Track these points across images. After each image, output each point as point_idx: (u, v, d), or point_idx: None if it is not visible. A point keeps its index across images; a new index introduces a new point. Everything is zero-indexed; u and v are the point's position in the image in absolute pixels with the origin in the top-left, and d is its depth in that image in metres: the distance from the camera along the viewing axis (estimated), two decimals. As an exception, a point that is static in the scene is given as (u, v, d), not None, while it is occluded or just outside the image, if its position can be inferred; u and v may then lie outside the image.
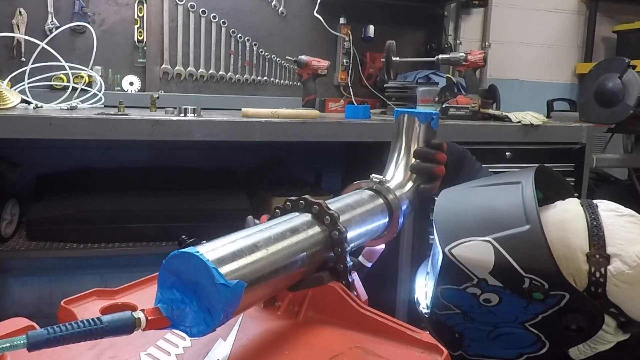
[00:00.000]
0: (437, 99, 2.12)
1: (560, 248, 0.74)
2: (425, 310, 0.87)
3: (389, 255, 1.03)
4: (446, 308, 0.80)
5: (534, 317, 0.74)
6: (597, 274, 0.74)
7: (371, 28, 2.56)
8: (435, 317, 0.83)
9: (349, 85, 2.54)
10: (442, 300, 0.80)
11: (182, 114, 1.73)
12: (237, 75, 2.46)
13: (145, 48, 2.31)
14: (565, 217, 0.81)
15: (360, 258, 1.01)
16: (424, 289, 0.91)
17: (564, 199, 0.87)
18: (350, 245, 0.76)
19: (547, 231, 0.75)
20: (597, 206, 0.81)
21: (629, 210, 0.81)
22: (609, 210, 0.81)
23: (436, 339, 0.84)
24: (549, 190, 0.77)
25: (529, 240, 0.73)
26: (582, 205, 0.82)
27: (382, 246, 0.98)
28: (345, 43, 2.54)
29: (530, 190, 0.78)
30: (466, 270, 0.76)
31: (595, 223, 0.78)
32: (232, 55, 2.44)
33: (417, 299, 0.91)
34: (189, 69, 2.38)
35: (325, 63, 2.20)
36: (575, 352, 0.79)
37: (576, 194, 0.92)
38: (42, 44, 1.84)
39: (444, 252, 0.78)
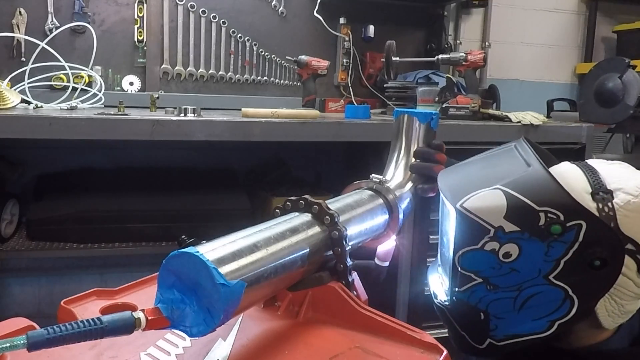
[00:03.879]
0: (437, 99, 2.12)
1: None
2: (445, 299, 0.86)
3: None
4: (467, 280, 0.80)
5: (556, 265, 0.75)
6: (606, 209, 0.76)
7: (371, 28, 2.56)
8: (457, 299, 0.82)
9: (349, 85, 2.54)
10: (462, 270, 0.80)
11: (182, 114, 1.73)
12: (237, 75, 2.46)
13: (145, 48, 2.31)
14: (561, 170, 0.84)
15: (376, 260, 1.01)
16: (438, 280, 0.91)
17: None
18: (350, 245, 0.76)
19: None
20: (586, 161, 0.86)
21: (616, 160, 0.85)
22: (598, 161, 0.85)
23: (462, 332, 0.84)
24: None
25: (534, 177, 0.76)
26: (572, 163, 0.86)
27: (394, 244, 0.98)
28: (345, 43, 2.54)
29: (526, 147, 0.82)
30: (481, 222, 0.76)
31: (590, 169, 0.81)
32: (232, 55, 2.44)
33: (433, 292, 0.90)
34: (189, 69, 2.38)
35: (325, 63, 2.20)
36: (604, 313, 0.79)
37: None
38: (42, 44, 1.84)
39: (456, 209, 0.78)
